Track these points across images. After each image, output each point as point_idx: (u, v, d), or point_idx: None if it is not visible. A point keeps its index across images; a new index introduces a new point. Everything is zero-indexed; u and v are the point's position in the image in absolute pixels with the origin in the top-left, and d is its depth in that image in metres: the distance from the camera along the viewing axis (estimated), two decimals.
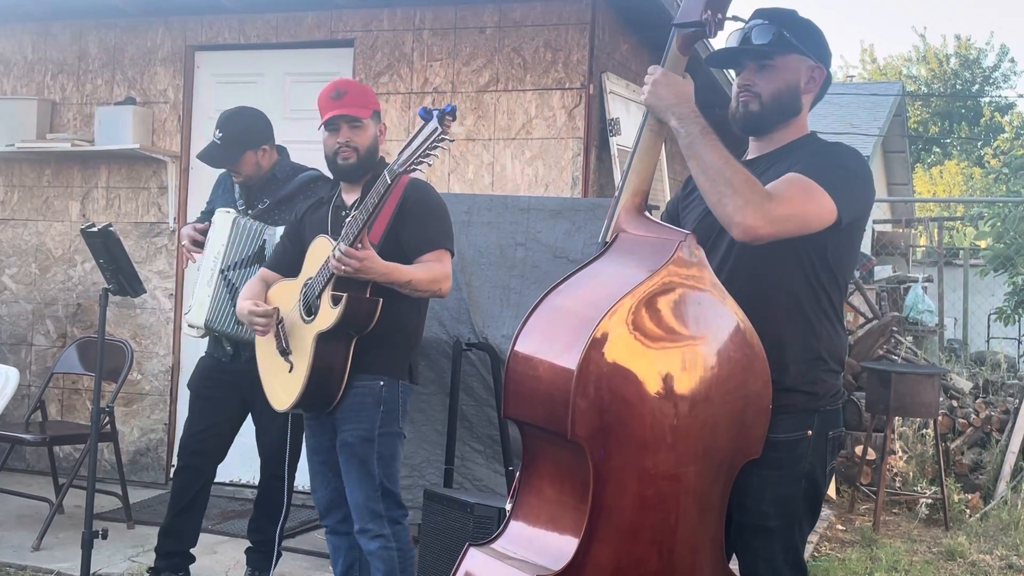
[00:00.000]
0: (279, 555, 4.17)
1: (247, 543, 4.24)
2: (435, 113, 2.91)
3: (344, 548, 3.38)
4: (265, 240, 3.86)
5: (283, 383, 3.27)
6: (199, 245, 3.97)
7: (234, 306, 3.80)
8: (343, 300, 3.08)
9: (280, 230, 3.82)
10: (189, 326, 4.00)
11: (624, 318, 2.12)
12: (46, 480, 5.46)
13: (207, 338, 4.07)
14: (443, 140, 2.92)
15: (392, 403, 3.25)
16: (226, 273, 3.84)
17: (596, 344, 2.09)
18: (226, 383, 3.99)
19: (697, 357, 2.19)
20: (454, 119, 2.97)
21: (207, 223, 4.01)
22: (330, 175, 3.90)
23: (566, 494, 2.20)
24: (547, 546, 2.20)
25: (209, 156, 4.01)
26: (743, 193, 2.21)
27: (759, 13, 2.48)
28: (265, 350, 3.41)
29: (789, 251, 2.33)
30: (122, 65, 6.10)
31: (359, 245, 3.03)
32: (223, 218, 3.90)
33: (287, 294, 3.34)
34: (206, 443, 4.02)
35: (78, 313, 6.15)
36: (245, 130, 4.03)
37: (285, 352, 3.26)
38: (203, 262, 3.92)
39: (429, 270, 3.23)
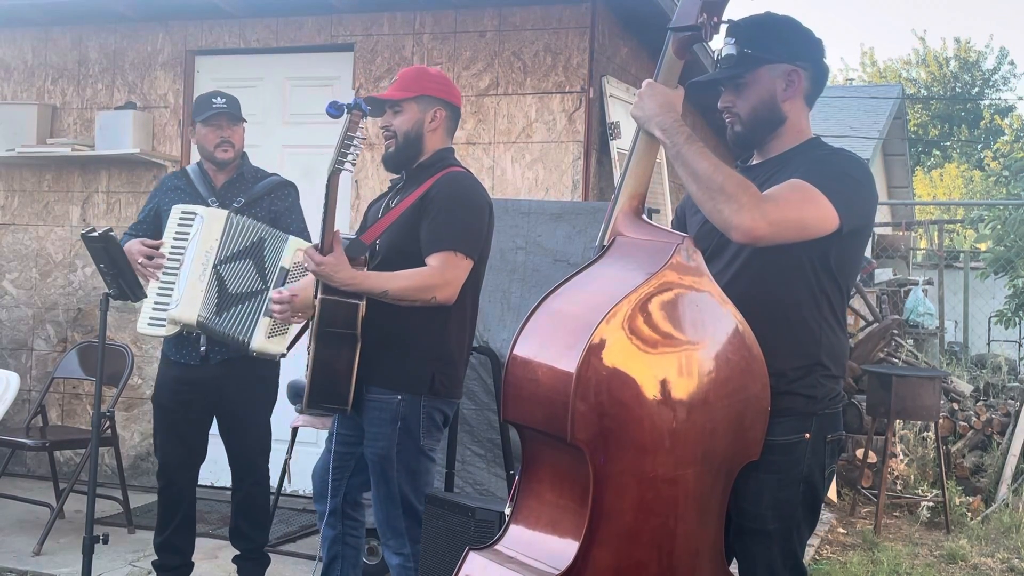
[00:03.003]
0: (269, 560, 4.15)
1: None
2: (344, 108, 2.92)
3: (329, 539, 3.34)
4: (264, 239, 3.83)
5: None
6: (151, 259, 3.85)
7: (225, 303, 3.77)
8: (316, 303, 3.03)
9: (292, 241, 3.79)
10: (152, 322, 3.83)
11: (622, 321, 2.12)
12: (47, 485, 5.46)
13: (168, 343, 3.96)
14: (353, 136, 2.92)
15: (411, 420, 3.09)
16: (219, 268, 3.80)
17: (595, 347, 2.09)
18: (195, 392, 3.92)
19: (695, 360, 2.19)
20: (363, 114, 2.95)
21: (159, 241, 3.88)
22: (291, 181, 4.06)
23: (566, 497, 2.20)
24: (547, 549, 2.20)
25: (223, 113, 3.91)
26: (737, 196, 2.20)
27: (728, 31, 2.45)
28: None
29: (791, 258, 2.32)
30: (122, 70, 6.10)
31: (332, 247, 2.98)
32: (213, 213, 3.85)
33: None
34: (186, 459, 4.00)
35: (79, 318, 6.15)
36: (239, 105, 4.04)
37: (308, 348, 3.23)
38: (188, 257, 3.81)
39: (416, 278, 3.02)
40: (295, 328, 3.72)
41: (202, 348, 3.90)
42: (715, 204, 2.22)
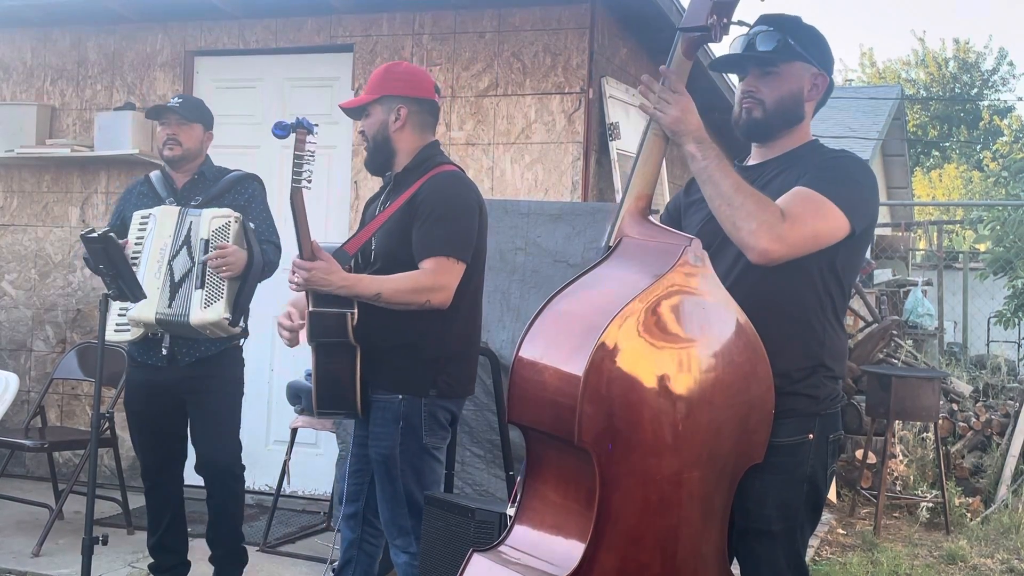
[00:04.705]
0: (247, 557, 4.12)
1: (249, 547, 4.21)
2: (289, 128, 2.93)
3: (347, 541, 3.35)
4: (192, 222, 3.82)
5: None
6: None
7: (172, 294, 3.76)
8: (307, 316, 3.05)
9: (206, 212, 3.80)
10: (119, 328, 3.84)
11: (630, 324, 2.11)
12: (46, 486, 5.45)
13: (133, 345, 3.95)
14: (302, 155, 2.93)
15: (413, 419, 3.09)
16: (171, 263, 3.80)
17: (602, 350, 2.08)
18: (164, 395, 3.90)
19: (702, 362, 2.19)
20: (308, 131, 2.96)
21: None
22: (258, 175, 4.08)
23: (571, 499, 2.20)
24: (552, 551, 2.19)
25: (163, 110, 3.96)
26: (757, 217, 2.23)
27: (764, 19, 2.49)
28: None
29: (797, 260, 2.33)
30: (121, 70, 6.10)
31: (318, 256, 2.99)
32: (165, 211, 3.87)
33: None
34: (165, 460, 3.99)
35: (78, 319, 6.14)
36: (202, 107, 4.07)
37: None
38: (143, 258, 3.83)
39: (409, 281, 3.01)
40: (230, 292, 3.73)
41: (164, 350, 3.88)
42: (735, 222, 2.26)
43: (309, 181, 2.99)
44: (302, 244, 3.00)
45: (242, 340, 4.01)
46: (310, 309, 3.04)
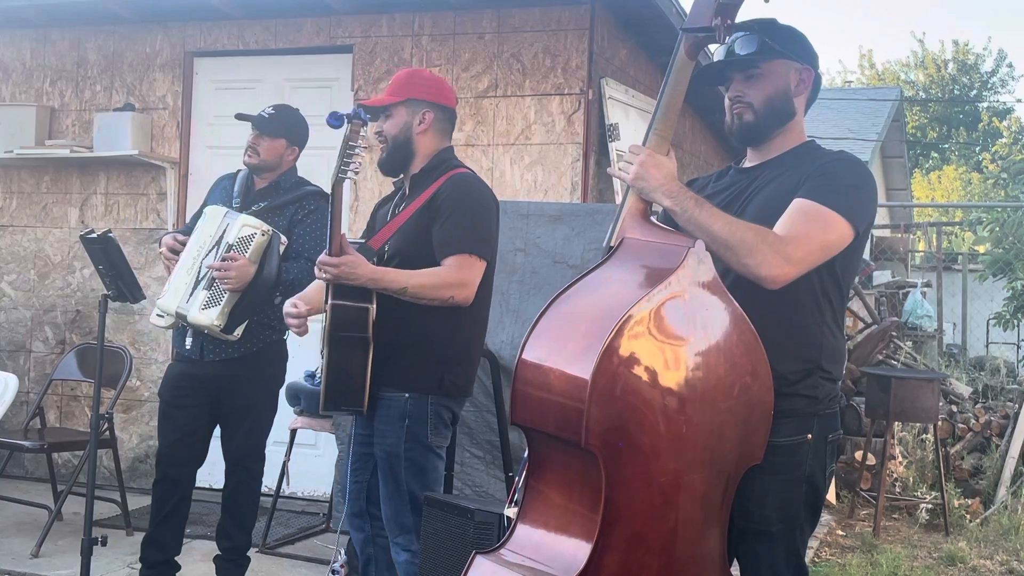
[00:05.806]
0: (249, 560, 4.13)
1: None
2: (344, 118, 2.94)
3: (360, 541, 3.36)
4: (227, 224, 3.83)
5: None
6: (178, 254, 3.91)
7: (191, 294, 3.77)
8: (327, 309, 3.06)
9: (240, 218, 3.80)
10: (158, 314, 3.90)
11: (637, 326, 2.11)
12: (45, 487, 5.45)
13: (173, 333, 4.03)
14: (355, 146, 2.94)
15: (419, 417, 3.12)
16: (203, 261, 3.81)
17: (610, 352, 2.08)
18: (196, 388, 3.94)
19: (707, 363, 2.19)
20: (363, 123, 2.97)
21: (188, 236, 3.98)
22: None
23: (575, 501, 2.19)
24: (556, 554, 2.18)
25: (249, 117, 3.99)
26: (759, 248, 2.24)
27: (738, 27, 2.49)
28: None
29: None
30: (121, 71, 6.10)
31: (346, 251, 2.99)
32: (215, 210, 3.90)
33: None
34: (181, 453, 3.99)
35: (77, 319, 6.14)
36: (293, 123, 4.05)
37: (322, 352, 3.24)
38: (186, 251, 3.87)
39: (435, 276, 3.05)
40: (229, 301, 3.73)
41: (187, 342, 3.92)
42: (739, 259, 2.26)
43: (356, 172, 3.01)
44: (332, 238, 3.01)
45: (286, 334, 4.01)
46: (331, 302, 3.05)
